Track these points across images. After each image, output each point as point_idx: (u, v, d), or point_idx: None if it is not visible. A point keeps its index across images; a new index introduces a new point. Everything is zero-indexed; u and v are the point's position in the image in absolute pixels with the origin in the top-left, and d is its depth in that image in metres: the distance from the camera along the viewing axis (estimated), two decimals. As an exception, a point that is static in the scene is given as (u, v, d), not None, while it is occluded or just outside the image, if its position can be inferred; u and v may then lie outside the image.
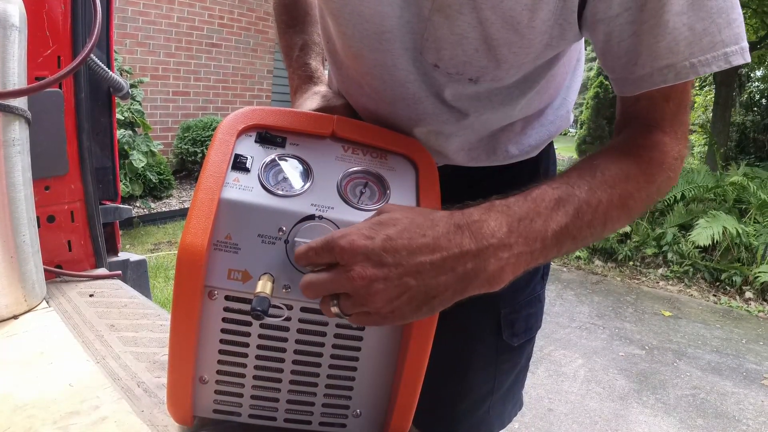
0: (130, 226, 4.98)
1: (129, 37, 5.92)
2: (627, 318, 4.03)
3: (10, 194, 0.90)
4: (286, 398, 0.63)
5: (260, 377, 0.61)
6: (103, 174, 1.37)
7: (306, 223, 0.57)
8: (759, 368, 3.35)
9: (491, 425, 0.98)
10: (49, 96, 1.09)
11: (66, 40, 1.12)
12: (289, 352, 0.60)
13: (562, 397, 2.86)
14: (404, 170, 0.65)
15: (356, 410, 0.65)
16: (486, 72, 0.65)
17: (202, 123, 6.33)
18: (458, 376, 0.93)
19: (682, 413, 2.80)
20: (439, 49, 0.64)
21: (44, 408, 0.68)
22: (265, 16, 7.45)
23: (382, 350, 0.62)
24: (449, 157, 0.81)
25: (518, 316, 0.92)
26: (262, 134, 0.62)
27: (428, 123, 0.74)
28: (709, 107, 11.50)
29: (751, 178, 5.86)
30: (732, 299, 4.54)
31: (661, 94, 0.60)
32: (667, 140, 0.61)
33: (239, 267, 0.56)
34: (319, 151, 0.64)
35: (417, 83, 0.70)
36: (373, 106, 0.77)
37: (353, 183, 0.62)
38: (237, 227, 0.56)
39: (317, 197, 0.58)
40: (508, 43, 0.60)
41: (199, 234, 0.53)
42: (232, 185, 0.57)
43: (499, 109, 0.73)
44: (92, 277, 1.17)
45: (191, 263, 0.53)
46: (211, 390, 0.61)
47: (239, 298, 0.57)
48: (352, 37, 0.69)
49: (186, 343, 0.57)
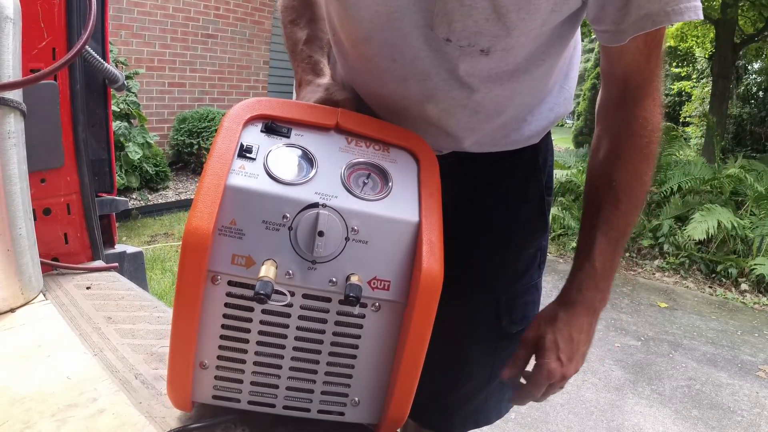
0: (127, 218, 4.97)
1: (124, 29, 5.87)
2: (623, 309, 4.05)
3: (6, 187, 0.90)
4: (285, 385, 0.63)
5: (260, 363, 0.61)
6: (99, 166, 1.37)
7: (310, 210, 0.57)
8: (754, 360, 3.38)
9: (489, 413, 1.00)
10: (45, 88, 1.09)
11: (61, 31, 1.11)
12: (290, 338, 0.61)
13: (559, 388, 2.88)
14: (406, 163, 0.66)
15: (354, 398, 0.65)
16: (497, 41, 0.68)
17: (198, 114, 6.31)
18: (457, 363, 0.94)
19: (677, 404, 2.82)
20: (450, 22, 0.66)
21: (42, 401, 0.68)
22: (261, 7, 7.41)
23: (382, 339, 0.62)
24: (458, 137, 0.83)
25: (516, 304, 0.94)
26: (267, 124, 0.64)
27: (439, 100, 0.76)
28: (706, 99, 11.50)
29: (748, 170, 5.88)
30: (728, 291, 4.57)
31: (641, 51, 0.71)
32: (652, 108, 0.75)
33: (243, 252, 0.57)
34: (324, 142, 0.64)
35: (428, 60, 0.72)
36: (382, 89, 0.79)
37: (356, 174, 0.63)
38: (242, 213, 0.56)
39: (321, 186, 0.59)
40: (517, 8, 0.63)
41: (205, 218, 0.54)
42: (237, 172, 0.58)
43: (507, 85, 0.76)
44: (89, 270, 1.17)
45: (197, 247, 0.53)
46: (211, 375, 0.61)
47: (242, 283, 0.58)
48: (361, 19, 0.71)
49: (188, 328, 0.57)
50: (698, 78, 13.12)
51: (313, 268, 0.58)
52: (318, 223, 0.57)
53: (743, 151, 8.90)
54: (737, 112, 10.93)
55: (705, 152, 8.15)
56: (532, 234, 0.95)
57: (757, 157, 8.41)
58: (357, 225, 0.59)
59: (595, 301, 0.77)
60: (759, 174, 5.77)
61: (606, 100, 0.80)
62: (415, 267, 0.60)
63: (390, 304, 0.61)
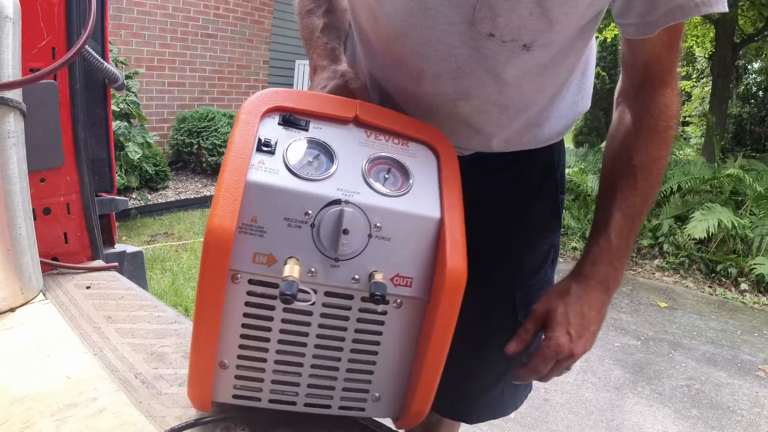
0: (127, 218, 4.97)
1: (124, 28, 5.87)
2: (623, 309, 4.05)
3: (6, 187, 0.90)
4: (306, 382, 0.62)
5: (282, 362, 0.61)
6: (99, 165, 1.37)
7: (332, 207, 0.56)
8: (754, 359, 3.38)
9: (504, 406, 1.04)
10: (44, 88, 1.09)
11: (61, 31, 1.11)
12: (312, 336, 0.60)
13: (558, 387, 2.88)
14: (425, 158, 0.66)
15: (375, 393, 0.65)
16: (540, 35, 0.69)
17: (198, 114, 6.30)
18: (474, 356, 0.97)
19: (677, 404, 2.82)
20: (494, 17, 0.67)
21: (42, 400, 0.68)
22: (261, 7, 7.40)
23: (403, 334, 0.62)
24: (487, 134, 0.84)
25: (532, 298, 0.96)
26: (285, 117, 0.62)
27: (472, 97, 0.77)
28: (705, 99, 11.50)
29: (747, 170, 5.88)
30: (727, 291, 4.57)
31: (663, 43, 0.73)
32: (671, 96, 0.77)
33: (264, 250, 0.56)
34: (343, 136, 0.63)
35: (463, 56, 0.72)
36: (413, 87, 0.79)
37: (377, 168, 0.62)
38: (263, 210, 0.55)
39: (343, 181, 0.58)
40: (560, 2, 0.64)
41: (227, 217, 0.52)
42: (257, 167, 0.56)
43: (536, 80, 0.77)
44: (89, 269, 1.17)
45: (219, 246, 0.52)
46: (231, 375, 0.61)
47: (263, 281, 0.57)
48: (396, 16, 0.72)
49: (210, 328, 0.56)
50: (698, 77, 13.12)
51: (336, 265, 0.58)
52: (343, 220, 0.56)
53: (743, 150, 8.90)
54: (737, 112, 10.93)
55: (705, 152, 8.15)
56: (548, 231, 0.98)
57: (757, 156, 8.41)
58: (380, 222, 0.58)
59: (609, 278, 0.77)
60: (759, 174, 5.77)
61: (626, 87, 0.82)
62: (438, 263, 0.59)
63: (412, 300, 0.61)
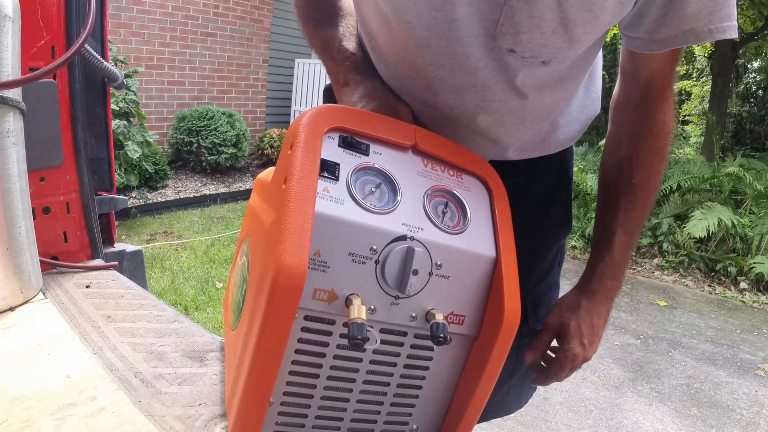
0: (126, 217, 4.97)
1: (123, 27, 5.87)
2: (622, 308, 4.06)
3: (5, 186, 0.90)
4: (350, 417, 0.60)
5: (328, 398, 0.59)
6: (99, 165, 1.37)
7: (398, 243, 0.54)
8: (753, 358, 3.38)
9: (509, 405, 1.06)
10: (44, 87, 1.09)
11: (60, 30, 1.11)
12: (362, 372, 0.58)
13: (557, 386, 2.88)
14: (479, 192, 0.64)
15: (414, 426, 0.64)
16: (559, 53, 0.68)
17: (198, 113, 6.30)
18: None
19: (676, 402, 2.82)
20: (517, 33, 0.65)
21: (42, 400, 0.68)
22: (260, 5, 7.40)
23: (448, 369, 0.62)
24: (504, 145, 0.84)
25: (542, 302, 0.99)
26: (346, 138, 0.57)
27: (493, 110, 0.76)
28: (705, 98, 11.50)
29: (747, 169, 5.88)
30: (727, 289, 4.57)
31: (668, 59, 0.75)
32: (669, 112, 0.80)
33: (326, 287, 0.52)
34: (402, 164, 0.60)
35: (487, 70, 0.71)
36: (432, 99, 0.76)
37: (435, 201, 0.59)
38: (328, 244, 0.52)
39: (407, 216, 0.56)
40: (584, 22, 0.64)
41: (297, 254, 0.48)
42: (322, 196, 0.52)
43: (554, 92, 0.77)
44: (88, 268, 1.17)
45: (291, 287, 0.48)
46: (275, 411, 0.58)
47: (320, 318, 0.54)
48: (418, 26, 0.68)
49: (270, 370, 0.52)
50: (698, 77, 13.11)
51: (396, 303, 0.55)
52: (413, 260, 0.53)
53: (742, 149, 8.89)
54: (737, 111, 10.93)
55: (704, 151, 8.15)
56: (560, 235, 1.00)
57: (757, 155, 8.41)
58: (441, 260, 0.56)
59: (613, 289, 0.85)
60: (758, 173, 5.78)
61: (624, 99, 0.82)
62: (492, 303, 0.59)
63: (461, 337, 0.60)
